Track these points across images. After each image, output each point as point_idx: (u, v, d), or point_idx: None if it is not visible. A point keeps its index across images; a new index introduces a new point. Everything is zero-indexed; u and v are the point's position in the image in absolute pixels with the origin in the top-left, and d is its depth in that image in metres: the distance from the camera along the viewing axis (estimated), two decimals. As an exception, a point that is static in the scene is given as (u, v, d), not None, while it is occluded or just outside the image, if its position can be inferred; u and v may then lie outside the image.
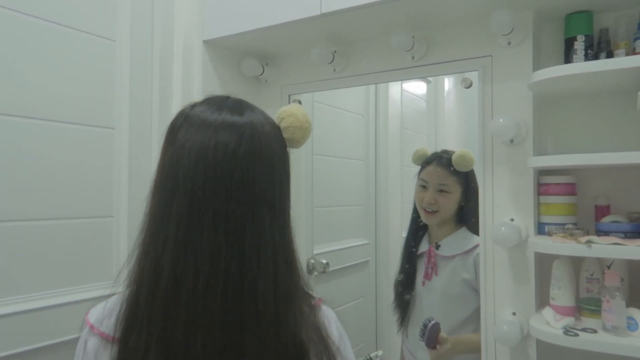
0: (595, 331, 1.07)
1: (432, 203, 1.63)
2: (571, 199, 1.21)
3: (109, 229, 1.40)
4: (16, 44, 1.19)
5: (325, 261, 1.98)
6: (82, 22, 1.33)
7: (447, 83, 2.39)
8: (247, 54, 1.67)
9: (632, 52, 1.13)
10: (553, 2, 1.20)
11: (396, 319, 1.77)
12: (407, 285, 1.72)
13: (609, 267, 1.13)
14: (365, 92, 2.32)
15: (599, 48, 1.19)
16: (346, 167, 2.27)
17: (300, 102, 1.73)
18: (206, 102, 0.73)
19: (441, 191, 1.64)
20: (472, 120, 1.44)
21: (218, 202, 0.65)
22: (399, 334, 1.77)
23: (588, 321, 1.10)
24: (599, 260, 1.15)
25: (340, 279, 2.12)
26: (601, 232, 1.11)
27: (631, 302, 1.08)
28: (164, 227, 0.66)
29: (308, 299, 0.73)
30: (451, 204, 1.63)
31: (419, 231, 1.75)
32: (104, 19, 1.39)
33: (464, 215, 1.65)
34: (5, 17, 1.17)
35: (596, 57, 1.18)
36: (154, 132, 1.49)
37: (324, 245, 2.05)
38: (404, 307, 1.74)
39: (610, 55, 1.17)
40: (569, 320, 1.10)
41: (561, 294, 1.14)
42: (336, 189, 2.21)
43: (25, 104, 1.20)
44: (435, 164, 1.69)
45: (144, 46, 1.48)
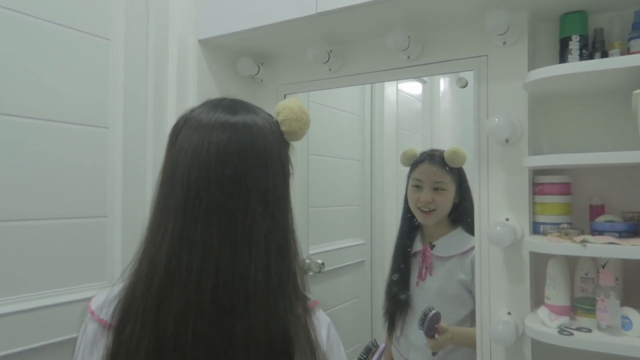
0: (589, 330, 1.07)
1: (429, 202, 1.63)
2: (566, 198, 1.22)
3: (103, 229, 1.39)
4: (9, 42, 1.18)
5: (320, 261, 1.98)
6: (76, 20, 1.32)
7: (443, 83, 2.40)
8: (242, 54, 1.67)
9: (626, 52, 1.14)
10: (548, 2, 1.21)
11: (387, 324, 1.74)
12: (403, 285, 1.71)
13: (603, 266, 1.14)
14: (360, 92, 2.33)
15: (594, 48, 1.19)
16: (342, 167, 2.27)
17: (296, 100, 1.72)
18: (204, 105, 0.77)
19: (436, 189, 1.63)
20: (467, 121, 1.44)
21: (211, 197, 0.69)
22: (389, 338, 1.76)
23: (583, 320, 1.11)
24: (594, 259, 1.15)
25: (335, 279, 2.12)
26: (596, 231, 1.11)
27: (626, 301, 1.08)
28: (163, 224, 0.70)
29: (303, 300, 0.74)
30: (447, 202, 1.63)
31: (413, 231, 1.74)
32: (98, 17, 1.38)
33: (458, 215, 1.65)
34: (-2, 15, 1.16)
35: (591, 57, 1.18)
36: (148, 131, 1.48)
37: (319, 245, 2.05)
38: (396, 308, 1.72)
39: (604, 55, 1.17)
40: (563, 320, 1.10)
41: (556, 293, 1.14)
42: (332, 189, 2.21)
43: (18, 102, 1.20)
44: (428, 162, 1.68)
45: (139, 45, 1.47)
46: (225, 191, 0.69)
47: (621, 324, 1.03)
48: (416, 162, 1.71)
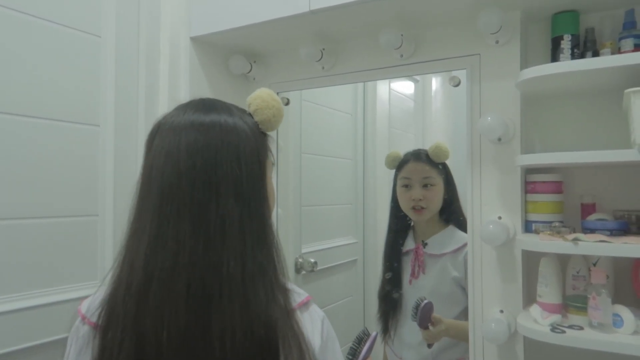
0: (581, 328, 1.07)
1: (420, 199, 1.63)
2: (558, 197, 1.22)
3: (94, 228, 1.37)
4: (-2, 38, 1.16)
5: (313, 260, 1.98)
6: (66, 17, 1.30)
7: (435, 83, 2.41)
8: (234, 52, 1.66)
9: (617, 51, 1.15)
10: (540, 1, 1.21)
11: (380, 323, 1.74)
12: (396, 283, 1.72)
13: (594, 264, 1.14)
14: (353, 91, 2.33)
15: (585, 47, 1.20)
16: (334, 166, 2.27)
17: (288, 100, 1.72)
18: (175, 109, 0.79)
19: (426, 185, 1.64)
20: (459, 119, 1.44)
21: (182, 194, 0.70)
22: (383, 340, 1.75)
23: (574, 318, 1.11)
24: (585, 257, 1.16)
25: (328, 277, 2.12)
26: (587, 229, 1.12)
27: (617, 299, 1.09)
28: (141, 227, 0.72)
29: (284, 290, 0.74)
30: (437, 197, 1.65)
31: (406, 229, 1.75)
32: (88, 14, 1.36)
33: (449, 213, 1.66)
34: (-14, 11, 1.14)
35: (582, 56, 1.19)
36: (139, 129, 1.47)
37: (312, 244, 2.05)
38: (390, 307, 1.73)
39: (596, 55, 1.18)
40: (555, 318, 1.11)
41: (548, 291, 1.15)
42: (324, 188, 2.21)
43: (6, 100, 1.18)
44: (414, 160, 1.70)
45: (130, 42, 1.46)
46: (196, 185, 0.70)
47: (612, 322, 1.04)
48: (402, 163, 1.73)
